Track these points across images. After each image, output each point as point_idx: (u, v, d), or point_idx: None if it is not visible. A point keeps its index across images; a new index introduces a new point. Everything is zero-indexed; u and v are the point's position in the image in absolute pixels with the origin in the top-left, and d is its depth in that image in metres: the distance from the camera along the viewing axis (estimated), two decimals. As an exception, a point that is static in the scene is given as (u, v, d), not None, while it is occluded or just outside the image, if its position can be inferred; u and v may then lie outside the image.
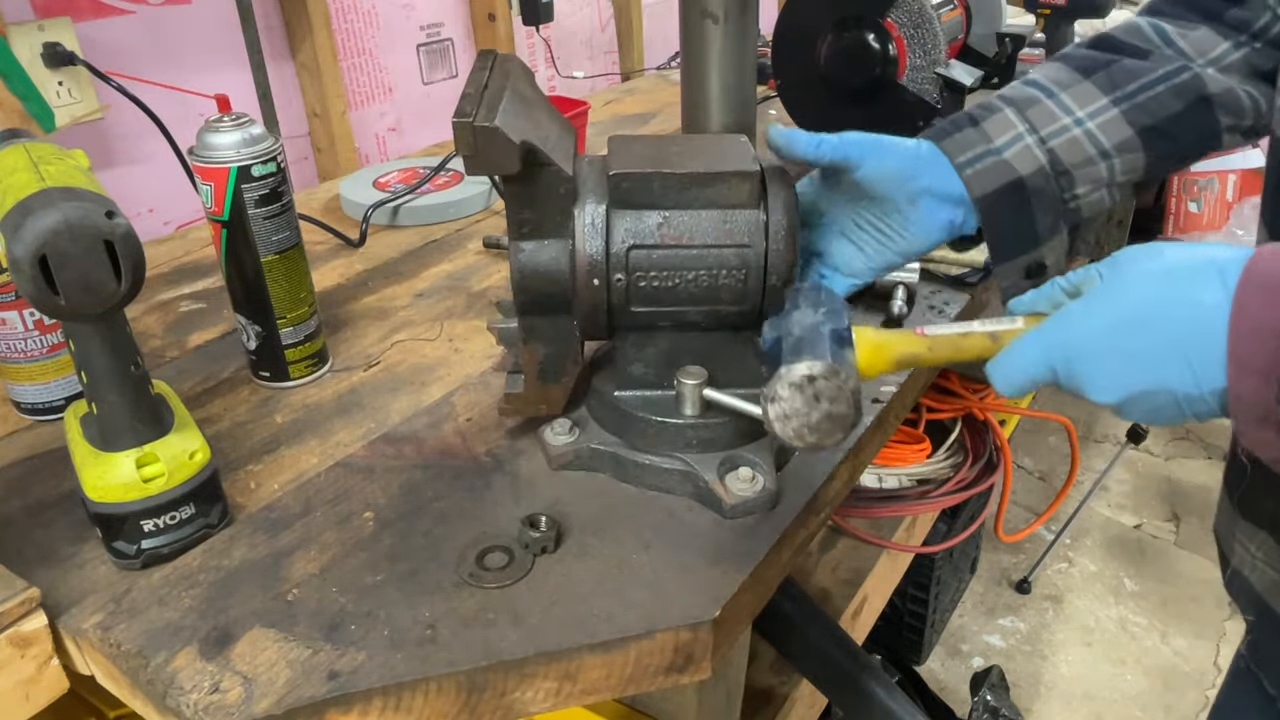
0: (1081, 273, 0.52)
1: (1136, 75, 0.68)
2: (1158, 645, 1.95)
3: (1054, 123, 0.68)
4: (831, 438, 0.53)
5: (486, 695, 0.55)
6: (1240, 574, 0.70)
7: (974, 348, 0.55)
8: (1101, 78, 0.69)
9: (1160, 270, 0.47)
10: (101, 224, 0.54)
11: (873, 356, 0.56)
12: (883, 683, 1.10)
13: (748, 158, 0.67)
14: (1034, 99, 0.69)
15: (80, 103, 1.18)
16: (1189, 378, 0.45)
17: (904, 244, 0.69)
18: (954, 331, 0.56)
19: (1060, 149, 0.68)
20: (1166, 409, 0.47)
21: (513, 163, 0.60)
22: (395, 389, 0.83)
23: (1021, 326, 0.54)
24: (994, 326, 0.55)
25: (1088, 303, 0.49)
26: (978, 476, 1.47)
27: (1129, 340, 0.47)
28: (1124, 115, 0.68)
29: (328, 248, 1.14)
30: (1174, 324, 0.45)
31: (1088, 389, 0.49)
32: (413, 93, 1.68)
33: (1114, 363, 0.47)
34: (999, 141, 0.68)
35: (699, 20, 1.12)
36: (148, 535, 0.61)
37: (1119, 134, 0.68)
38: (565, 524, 0.65)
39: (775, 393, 0.53)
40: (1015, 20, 1.60)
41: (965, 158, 0.68)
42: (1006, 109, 0.69)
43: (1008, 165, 0.67)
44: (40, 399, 0.78)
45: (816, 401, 0.52)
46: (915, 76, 1.30)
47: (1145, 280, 0.47)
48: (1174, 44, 0.70)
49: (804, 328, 0.56)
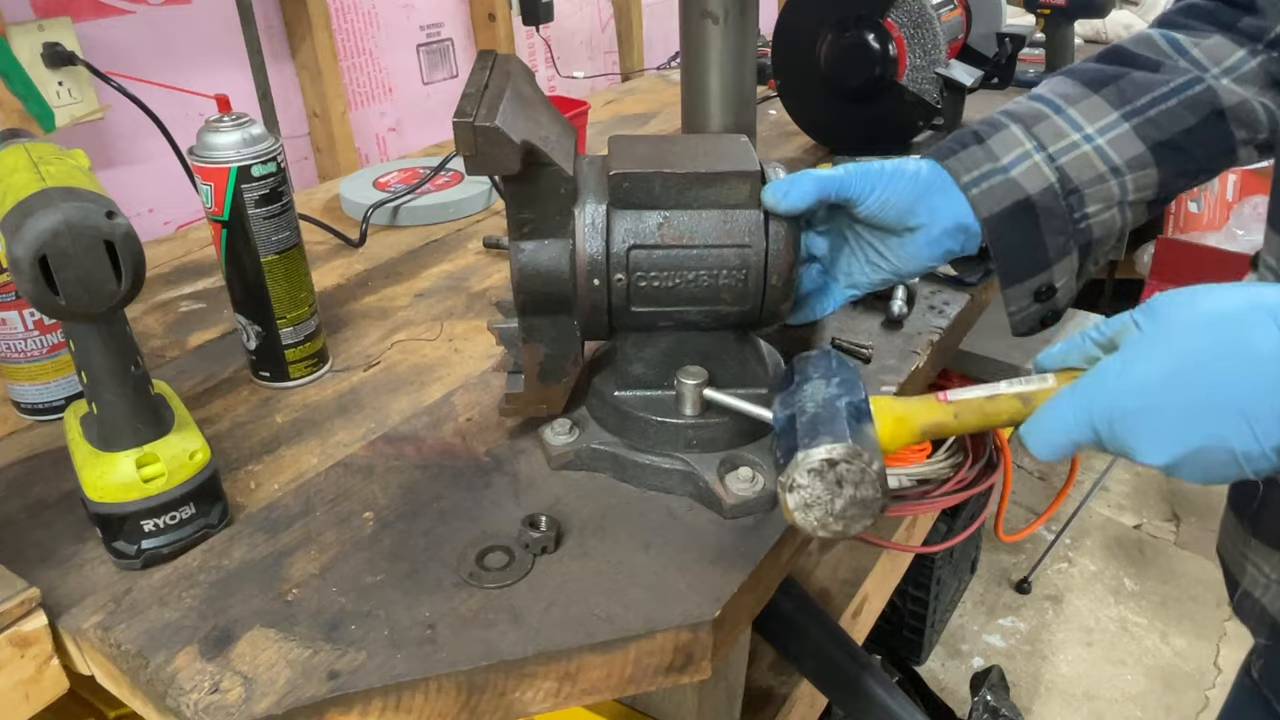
0: (1116, 322, 0.48)
1: (1148, 88, 0.66)
2: (1158, 645, 1.95)
3: (1063, 139, 0.66)
4: (858, 524, 0.49)
5: (486, 695, 0.55)
6: (1251, 595, 0.68)
7: (1004, 412, 0.52)
8: (1111, 91, 0.66)
9: (1205, 317, 0.44)
10: (101, 224, 0.54)
11: (895, 429, 0.52)
12: (883, 683, 1.10)
13: (748, 158, 0.66)
14: (1041, 114, 0.67)
15: (80, 103, 1.18)
16: (1248, 433, 0.42)
17: (901, 267, 0.68)
18: (980, 395, 0.52)
19: (1069, 166, 0.65)
20: (1224, 467, 0.44)
21: (513, 163, 0.59)
22: (395, 389, 0.83)
23: (1053, 385, 0.50)
24: (1023, 388, 0.51)
25: (1127, 356, 0.46)
26: (978, 476, 1.47)
27: (1178, 395, 0.43)
28: (1135, 130, 0.65)
29: (328, 248, 1.14)
30: (1227, 375, 0.42)
31: (1135, 450, 0.46)
32: (413, 93, 1.68)
33: (1163, 421, 0.44)
34: (1006, 159, 0.65)
35: (699, 20, 1.13)
36: (148, 535, 0.61)
37: (1130, 150, 0.65)
38: (565, 524, 0.65)
39: (793, 480, 0.49)
40: (1015, 20, 1.60)
41: (971, 177, 0.66)
42: (1013, 125, 0.67)
43: (1015, 184, 0.65)
44: (40, 399, 0.78)
45: (839, 487, 0.49)
46: (915, 76, 1.30)
47: (1190, 329, 0.44)
48: (1187, 54, 0.67)
49: (818, 403, 0.53)
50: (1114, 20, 2.09)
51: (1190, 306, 0.45)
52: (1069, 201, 0.65)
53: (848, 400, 0.53)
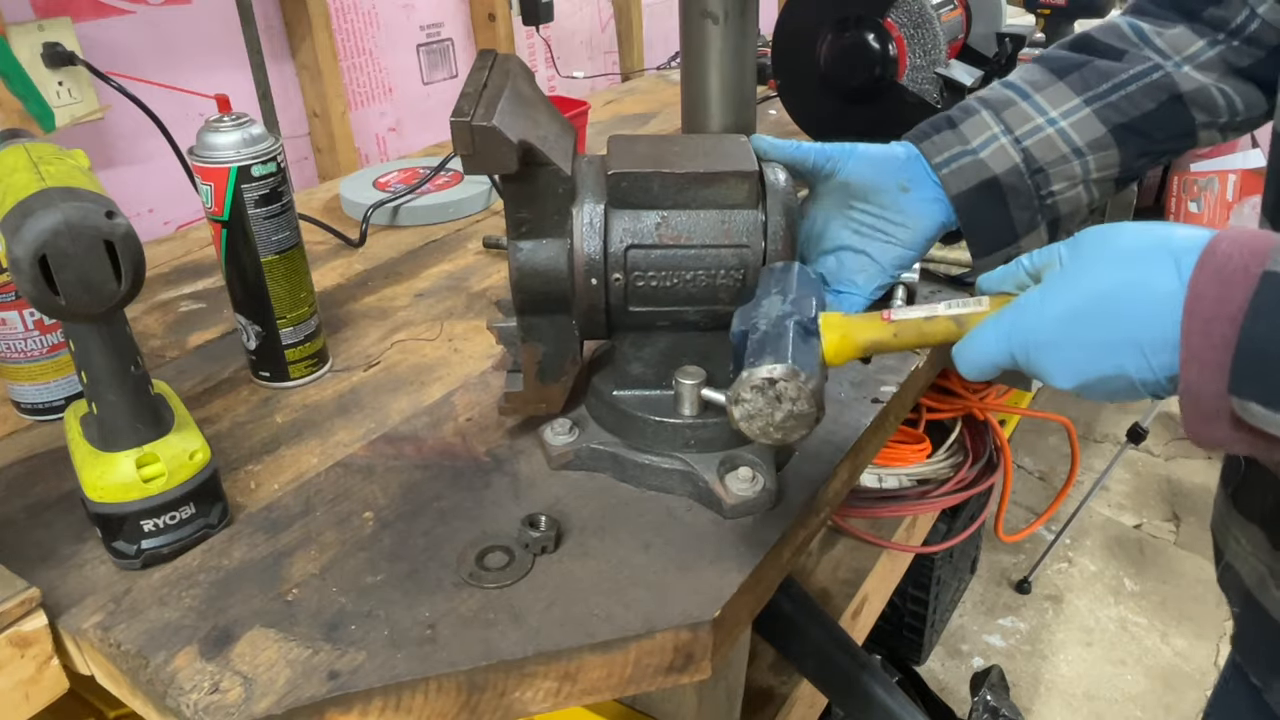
0: (1045, 252, 0.52)
1: (1109, 75, 0.70)
2: (1158, 645, 1.95)
3: (1028, 123, 0.70)
4: (795, 434, 0.54)
5: (486, 695, 0.55)
6: (1232, 567, 0.70)
7: (939, 332, 0.56)
8: (1074, 78, 0.71)
9: (1116, 255, 0.48)
10: (101, 224, 0.54)
11: (840, 346, 0.57)
12: (883, 683, 1.10)
13: (747, 158, 0.67)
14: (1010, 100, 0.72)
15: (80, 103, 1.19)
16: (1144, 365, 0.46)
17: (907, 233, 0.70)
18: (919, 315, 0.56)
19: (1034, 148, 0.70)
20: (1123, 391, 0.48)
21: (511, 162, 0.60)
22: (395, 389, 0.83)
23: (986, 309, 0.54)
24: (959, 310, 0.55)
25: (1045, 291, 0.50)
26: (978, 476, 1.48)
27: (1084, 331, 0.48)
28: (1096, 114, 0.70)
29: (328, 248, 1.14)
30: (1127, 314, 0.46)
31: (1046, 376, 0.50)
32: (413, 93, 1.68)
33: (1070, 352, 0.48)
34: (975, 142, 0.70)
35: (699, 20, 1.13)
36: (148, 535, 0.61)
37: (1091, 132, 0.70)
38: (565, 524, 0.65)
39: (738, 395, 0.53)
40: (1015, 20, 1.60)
41: (942, 158, 0.70)
42: (984, 111, 0.72)
43: (983, 164, 0.70)
44: (40, 399, 0.78)
45: (779, 402, 0.53)
46: (915, 76, 1.30)
47: (1101, 266, 0.48)
48: (1151, 42, 0.71)
49: (770, 321, 0.57)
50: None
51: (1105, 244, 0.49)
52: (1035, 180, 0.70)
53: (796, 319, 0.56)
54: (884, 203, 0.70)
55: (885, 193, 0.70)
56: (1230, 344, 0.42)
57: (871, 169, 0.69)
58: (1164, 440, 2.58)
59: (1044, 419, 2.42)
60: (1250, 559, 0.67)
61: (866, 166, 0.69)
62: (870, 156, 0.70)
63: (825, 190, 0.71)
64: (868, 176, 0.69)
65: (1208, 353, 0.43)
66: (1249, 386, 0.42)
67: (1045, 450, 2.56)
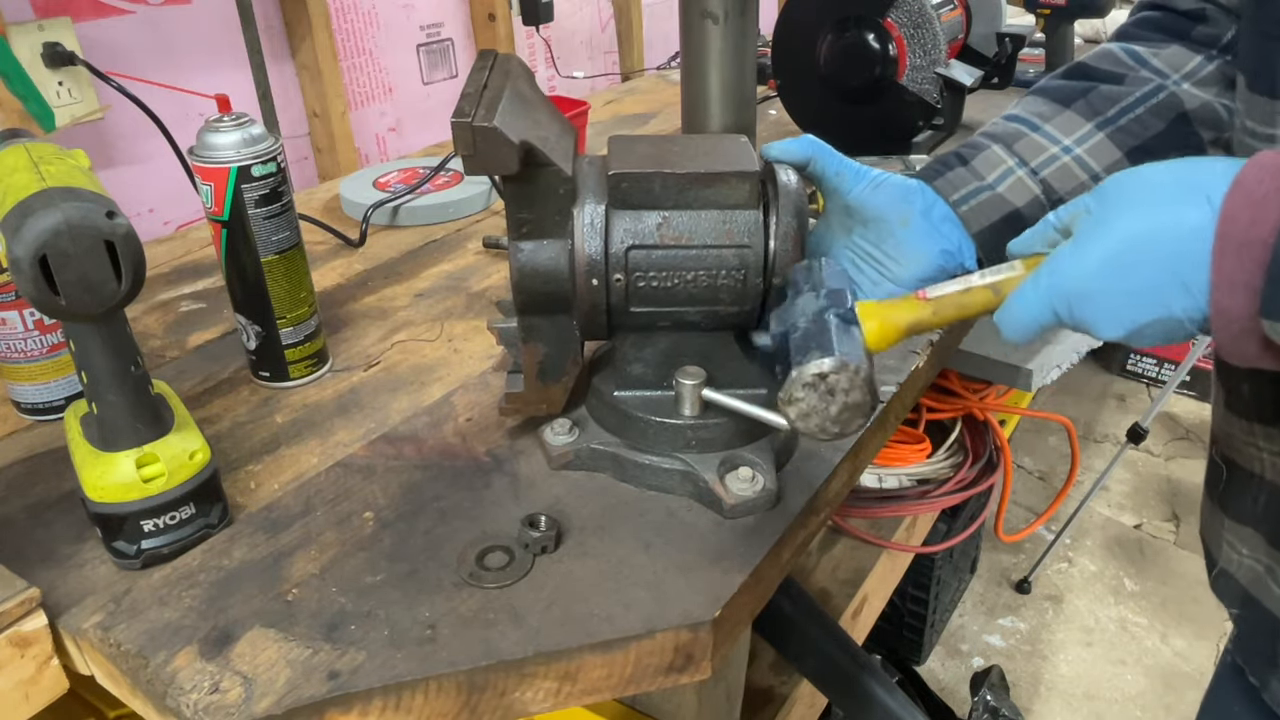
0: (1073, 205, 0.52)
1: (1115, 99, 0.70)
2: (1158, 645, 1.95)
3: (1042, 153, 0.70)
4: (853, 425, 0.53)
5: (486, 695, 0.55)
6: (1227, 572, 0.70)
7: (977, 303, 0.55)
8: (1081, 105, 0.70)
9: (1144, 196, 0.47)
10: (102, 224, 0.54)
11: (882, 331, 0.56)
12: (883, 683, 1.10)
13: (748, 158, 0.67)
14: (1019, 133, 0.71)
15: (80, 103, 1.18)
16: (1189, 302, 0.46)
17: (900, 270, 0.69)
18: (955, 290, 0.56)
19: (1052, 178, 0.69)
20: (1175, 332, 0.47)
21: (512, 163, 0.59)
22: (395, 389, 0.83)
23: (1021, 272, 0.54)
24: (994, 278, 0.55)
25: (1078, 243, 0.49)
26: (978, 476, 1.48)
27: (1125, 278, 0.47)
28: (1109, 138, 0.69)
29: (328, 248, 1.14)
30: (1165, 253, 0.46)
31: (1093, 328, 0.49)
32: (413, 93, 1.68)
33: (1114, 300, 0.48)
34: (990, 177, 0.69)
35: (699, 20, 1.13)
36: (148, 535, 0.61)
37: (1108, 157, 0.69)
38: (565, 524, 0.65)
39: (791, 395, 0.53)
40: (1015, 20, 1.60)
41: (959, 195, 0.69)
42: (994, 145, 0.71)
43: (1002, 199, 0.69)
44: (40, 399, 0.78)
45: (831, 396, 0.52)
46: (915, 76, 1.30)
47: (1131, 209, 0.47)
48: (1148, 64, 0.71)
49: (808, 317, 0.56)
50: (1114, 20, 2.09)
51: (1133, 187, 0.48)
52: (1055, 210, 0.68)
53: (835, 311, 0.56)
54: (882, 234, 0.69)
55: (885, 224, 0.68)
56: (1263, 266, 0.42)
57: (878, 197, 0.68)
58: (1164, 440, 2.58)
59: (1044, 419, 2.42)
60: (1246, 560, 0.67)
61: (873, 194, 0.68)
62: (880, 184, 0.68)
63: (832, 207, 0.70)
64: (872, 204, 0.68)
65: (1239, 274, 0.43)
66: (1279, 309, 0.42)
67: (1045, 450, 2.56)
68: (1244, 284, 0.43)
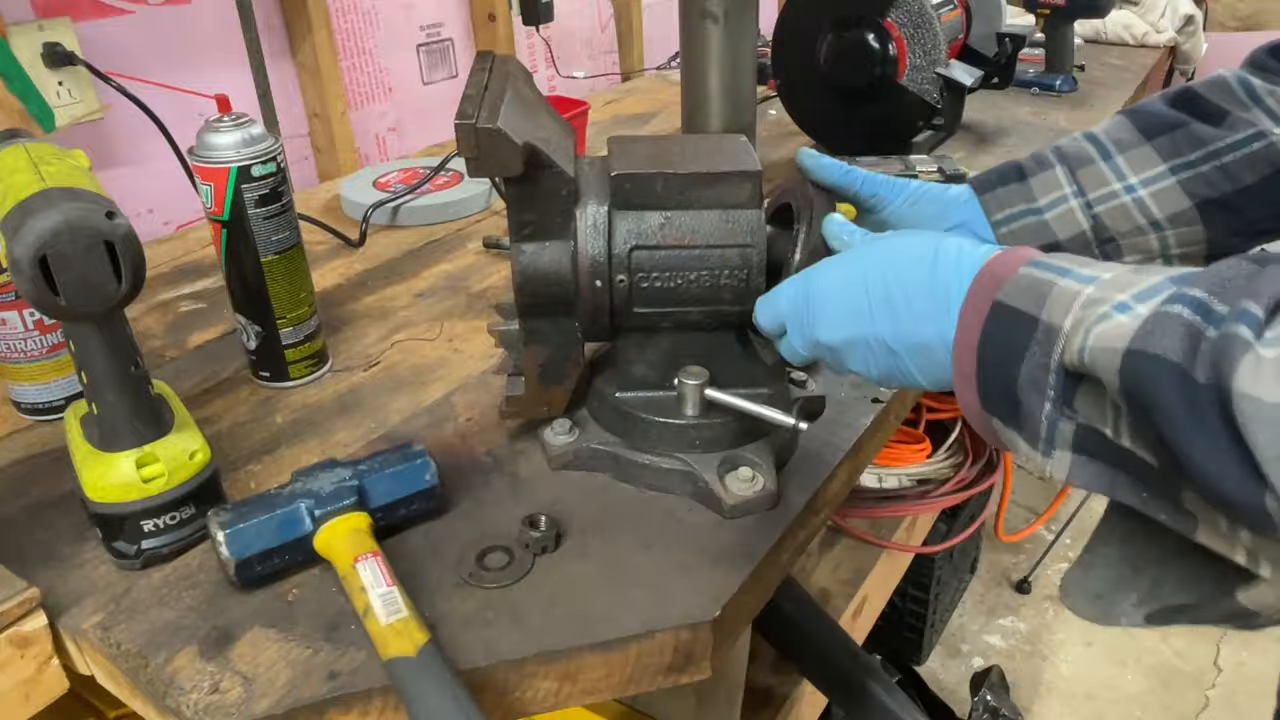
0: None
1: (1204, 142, 0.63)
2: (1158, 645, 1.95)
3: (1103, 187, 0.65)
4: None
5: (486, 695, 0.55)
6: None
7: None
8: (1164, 141, 0.64)
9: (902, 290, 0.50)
10: (101, 224, 0.54)
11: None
12: (883, 683, 1.10)
13: (749, 158, 0.67)
14: (1088, 158, 0.66)
15: (80, 103, 1.18)
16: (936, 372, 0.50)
17: None
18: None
19: (1106, 215, 0.65)
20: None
21: (516, 164, 0.59)
22: (395, 389, 0.83)
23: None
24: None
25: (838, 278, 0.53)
26: (978, 476, 1.48)
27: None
28: (1181, 185, 0.63)
29: (328, 248, 1.14)
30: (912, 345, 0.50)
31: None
32: (413, 93, 1.68)
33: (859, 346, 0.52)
34: (1042, 201, 0.66)
35: (699, 20, 1.13)
36: (148, 535, 0.61)
37: (1174, 205, 0.64)
38: (565, 524, 0.65)
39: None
40: (1015, 20, 1.60)
41: (1003, 215, 0.66)
42: (1058, 166, 0.67)
43: (1046, 227, 0.65)
44: (40, 399, 0.78)
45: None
46: (915, 76, 1.30)
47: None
48: (1261, 102, 0.63)
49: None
50: (1114, 20, 2.09)
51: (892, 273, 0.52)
52: (1104, 250, 0.65)
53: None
54: None
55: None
56: (974, 369, 0.45)
57: (915, 212, 0.65)
58: (1164, 440, 2.57)
59: (1044, 419, 2.41)
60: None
61: (910, 209, 0.65)
62: (918, 197, 0.65)
63: (868, 225, 0.68)
64: (910, 220, 0.66)
65: (967, 375, 0.46)
66: (989, 402, 0.45)
67: (1045, 450, 2.55)
68: (968, 383, 0.46)
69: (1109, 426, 0.40)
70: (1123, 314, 0.38)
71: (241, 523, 0.58)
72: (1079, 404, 0.41)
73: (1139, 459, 0.39)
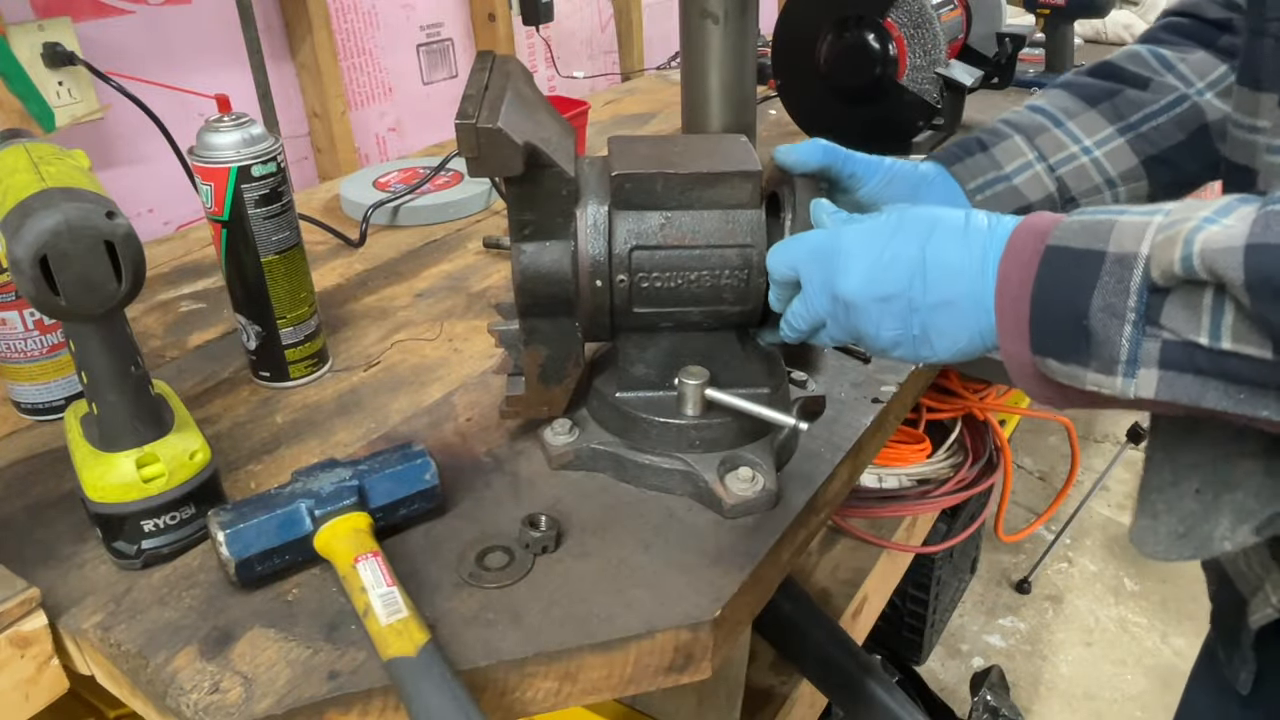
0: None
1: (1140, 105, 0.70)
2: (1158, 645, 1.95)
3: (1062, 151, 0.70)
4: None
5: (486, 695, 0.55)
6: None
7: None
8: (1107, 107, 0.71)
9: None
10: (102, 224, 0.54)
11: None
12: (883, 683, 1.10)
13: (749, 158, 0.67)
14: (1042, 126, 0.71)
15: (80, 103, 1.18)
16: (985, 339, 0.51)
17: None
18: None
19: (1068, 177, 0.70)
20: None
21: (516, 164, 0.59)
22: (395, 389, 0.83)
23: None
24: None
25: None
26: (978, 476, 1.48)
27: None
28: (1129, 145, 0.70)
29: (328, 248, 1.14)
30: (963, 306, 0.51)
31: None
32: (413, 93, 1.68)
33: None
34: (1009, 168, 0.70)
35: (699, 20, 1.13)
36: (148, 535, 0.61)
37: (1124, 163, 0.70)
38: (565, 524, 0.65)
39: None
40: (1015, 20, 1.60)
41: (976, 183, 0.70)
42: (1016, 135, 0.71)
43: (1017, 192, 0.69)
44: (40, 399, 0.78)
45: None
46: (915, 76, 1.30)
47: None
48: (1174, 69, 0.71)
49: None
50: (1113, 20, 2.09)
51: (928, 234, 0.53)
52: (1066, 210, 0.68)
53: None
54: None
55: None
56: (1027, 314, 0.47)
57: (890, 192, 0.68)
58: (1164, 440, 2.57)
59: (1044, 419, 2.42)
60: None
61: (885, 189, 0.68)
62: (893, 178, 0.68)
63: (846, 206, 0.68)
64: (886, 198, 0.68)
65: (1016, 325, 0.47)
66: (1045, 344, 0.46)
67: (1045, 450, 2.56)
68: (1017, 331, 0.47)
69: (1204, 334, 0.41)
70: (1213, 225, 0.40)
71: (242, 523, 0.58)
72: (1166, 319, 0.42)
73: (1241, 358, 0.41)
